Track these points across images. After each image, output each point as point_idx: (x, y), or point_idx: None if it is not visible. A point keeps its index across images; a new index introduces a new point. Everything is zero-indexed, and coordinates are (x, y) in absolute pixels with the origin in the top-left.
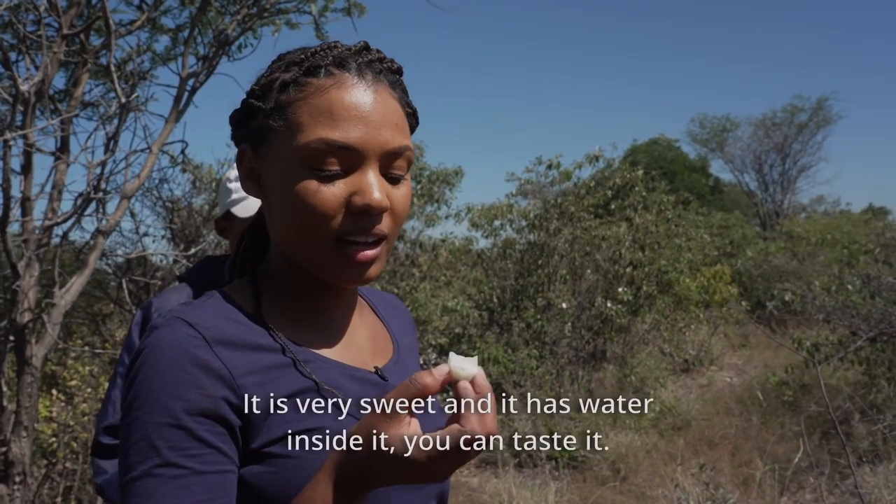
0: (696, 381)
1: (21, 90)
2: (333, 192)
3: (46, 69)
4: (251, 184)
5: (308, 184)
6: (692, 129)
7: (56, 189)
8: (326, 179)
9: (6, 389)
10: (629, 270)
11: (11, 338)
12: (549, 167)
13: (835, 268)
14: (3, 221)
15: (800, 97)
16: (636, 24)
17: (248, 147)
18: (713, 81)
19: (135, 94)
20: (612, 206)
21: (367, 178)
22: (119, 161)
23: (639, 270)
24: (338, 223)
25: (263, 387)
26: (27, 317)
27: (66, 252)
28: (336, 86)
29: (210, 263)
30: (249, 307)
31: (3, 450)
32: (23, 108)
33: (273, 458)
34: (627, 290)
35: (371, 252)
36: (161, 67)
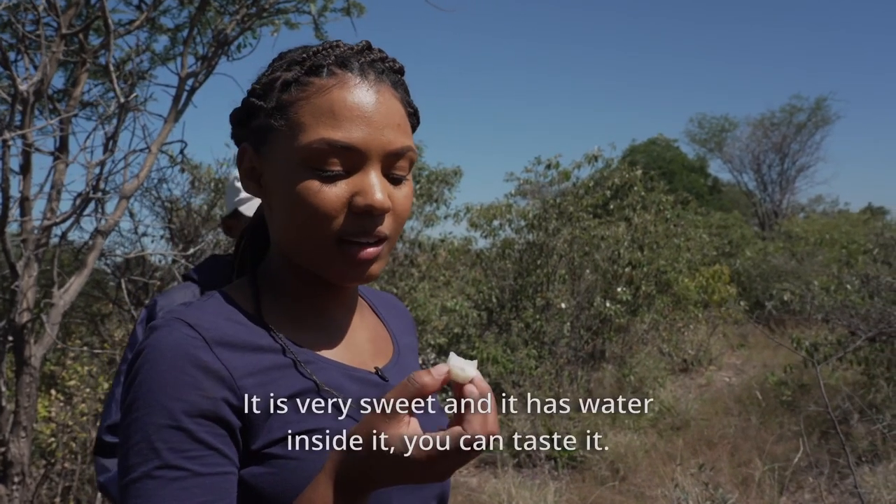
0: (695, 381)
1: (20, 90)
2: (335, 193)
3: (45, 69)
4: (252, 183)
5: (310, 184)
6: (691, 129)
7: (55, 189)
8: (328, 180)
9: (5, 389)
10: (628, 270)
11: (10, 338)
12: (548, 167)
13: (833, 267)
14: (2, 221)
15: (798, 97)
16: (635, 24)
17: (249, 146)
18: (712, 81)
19: (134, 94)
20: (611, 206)
21: (370, 179)
22: (118, 161)
23: (637, 270)
24: (339, 224)
25: (264, 388)
26: (26, 317)
27: (65, 252)
28: (338, 85)
29: (216, 263)
30: (249, 307)
31: (2, 450)
32: (21, 108)
33: (273, 459)
34: (626, 290)
35: (373, 250)
36: (160, 67)
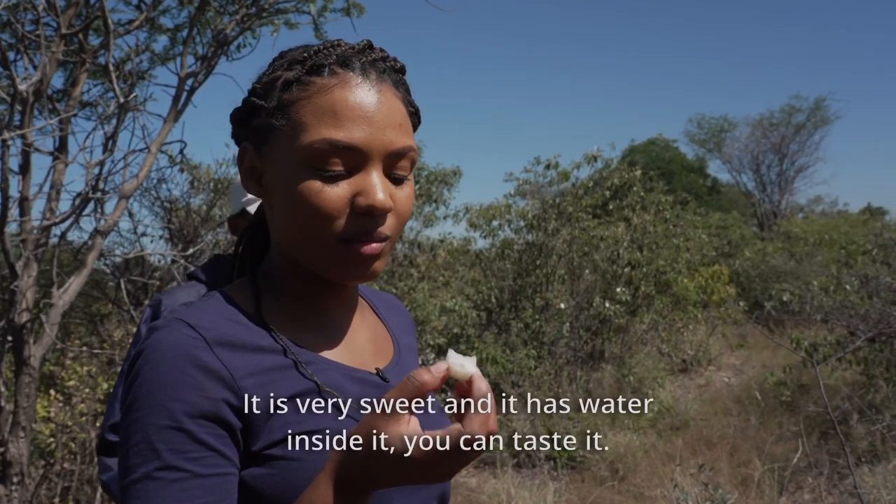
0: (695, 382)
1: (19, 90)
2: (337, 193)
3: (45, 69)
4: (252, 183)
5: (311, 184)
6: (690, 130)
7: (54, 189)
8: (330, 180)
9: (4, 390)
10: (627, 270)
11: (9, 338)
12: (548, 167)
13: (833, 268)
14: (2, 221)
15: (797, 97)
16: (635, 25)
17: (250, 146)
18: (711, 81)
19: (133, 94)
20: (611, 207)
21: (371, 179)
22: (117, 161)
23: (637, 270)
24: (341, 224)
25: (264, 388)
26: (25, 317)
27: (65, 252)
28: (340, 85)
29: (220, 262)
30: (250, 307)
31: (1, 450)
32: (21, 108)
33: (274, 460)
34: (625, 291)
35: (375, 245)
36: (159, 67)
